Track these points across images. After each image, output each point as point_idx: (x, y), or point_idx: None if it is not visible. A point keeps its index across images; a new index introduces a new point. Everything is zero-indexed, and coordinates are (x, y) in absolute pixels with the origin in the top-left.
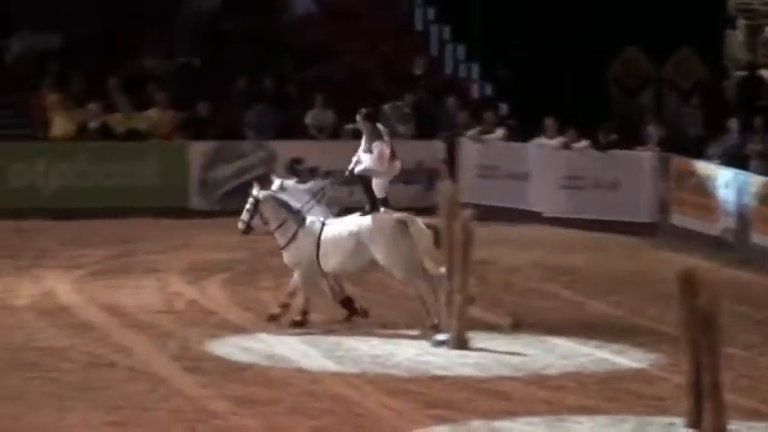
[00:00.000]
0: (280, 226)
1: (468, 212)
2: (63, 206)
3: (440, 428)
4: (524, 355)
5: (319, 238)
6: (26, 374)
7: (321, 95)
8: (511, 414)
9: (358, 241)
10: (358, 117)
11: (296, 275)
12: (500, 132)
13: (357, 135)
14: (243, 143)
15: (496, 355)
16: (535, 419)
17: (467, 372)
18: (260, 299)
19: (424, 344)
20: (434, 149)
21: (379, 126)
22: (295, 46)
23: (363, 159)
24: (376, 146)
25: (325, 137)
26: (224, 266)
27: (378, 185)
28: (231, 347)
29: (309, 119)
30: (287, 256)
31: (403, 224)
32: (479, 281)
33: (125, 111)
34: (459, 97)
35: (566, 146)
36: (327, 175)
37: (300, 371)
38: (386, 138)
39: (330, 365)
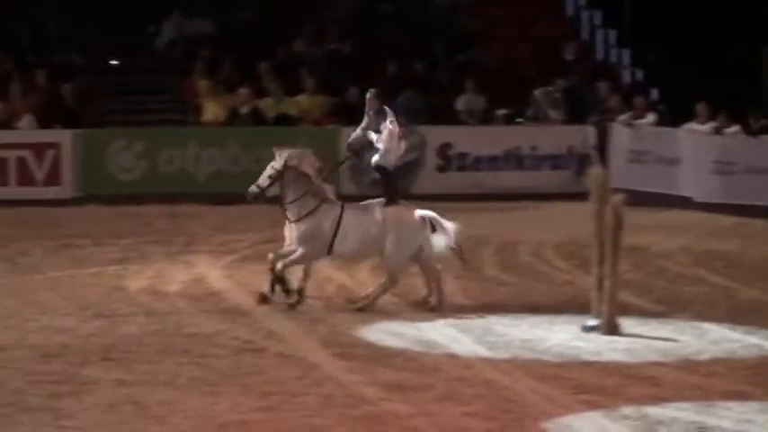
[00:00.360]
0: (297, 199)
1: (618, 197)
2: (214, 191)
3: (590, 414)
4: (675, 340)
5: (340, 218)
6: (178, 360)
7: (472, 81)
8: (661, 400)
9: (381, 230)
10: (369, 95)
11: (296, 255)
12: (651, 117)
13: (508, 120)
14: None
15: (647, 340)
16: (685, 405)
17: (617, 357)
18: (410, 284)
19: (574, 329)
20: (585, 135)
21: (386, 108)
22: (446, 31)
23: (374, 139)
24: (386, 126)
25: (476, 122)
26: None
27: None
28: (381, 333)
29: (460, 104)
30: (300, 230)
31: (425, 222)
32: (631, 266)
33: (276, 96)
34: (609, 82)
35: (716, 131)
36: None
37: (451, 356)
38: (392, 118)
39: (481, 351)
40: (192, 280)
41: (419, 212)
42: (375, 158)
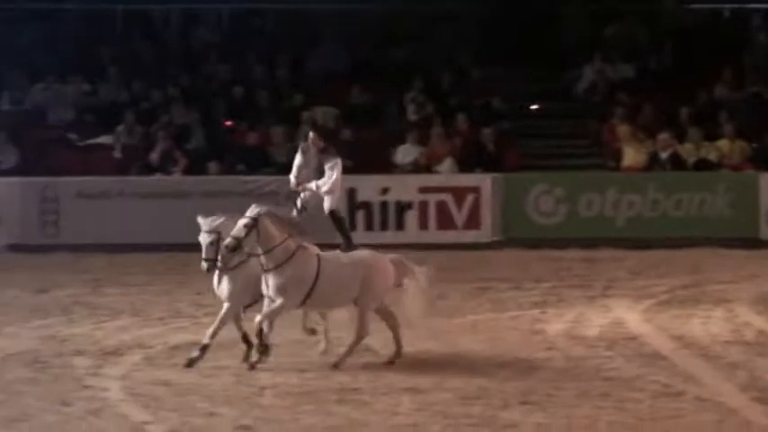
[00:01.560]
0: (277, 245)
1: None
2: (634, 236)
3: None
4: None
5: (319, 264)
6: (597, 404)
7: None
8: None
9: (358, 274)
10: (312, 134)
11: (278, 305)
12: None
13: None
14: None
15: None
16: None
17: None
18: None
19: None
20: None
21: (331, 147)
22: None
23: (320, 184)
24: (335, 165)
25: None
26: None
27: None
28: None
29: None
30: (281, 279)
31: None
32: None
33: (695, 141)
34: None
35: None
36: None
37: None
38: (337, 158)
39: None
40: (611, 324)
41: (389, 256)
42: (327, 204)
